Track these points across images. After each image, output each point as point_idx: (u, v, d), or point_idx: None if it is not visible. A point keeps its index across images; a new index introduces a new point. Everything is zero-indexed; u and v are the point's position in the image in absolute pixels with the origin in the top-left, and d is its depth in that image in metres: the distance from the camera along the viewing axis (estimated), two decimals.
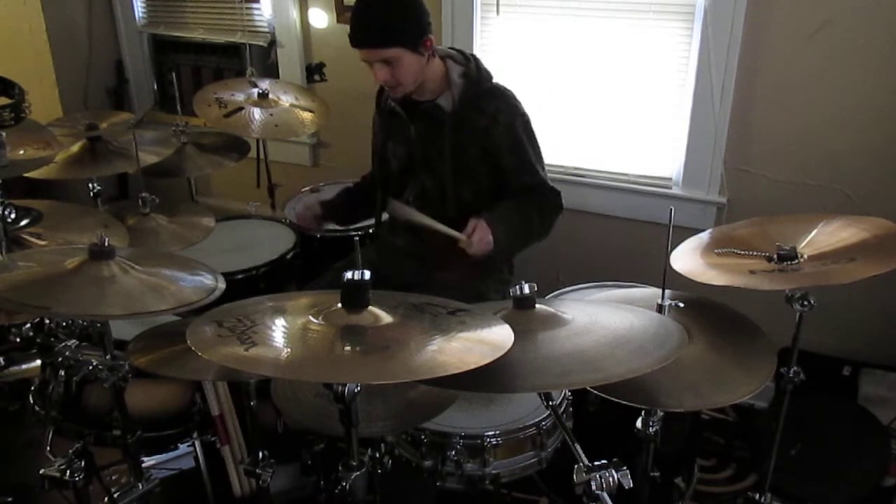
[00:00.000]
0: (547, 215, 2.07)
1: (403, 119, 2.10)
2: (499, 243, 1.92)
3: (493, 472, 1.63)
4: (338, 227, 2.48)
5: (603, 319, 1.35)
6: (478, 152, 2.03)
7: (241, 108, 2.58)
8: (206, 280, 1.54)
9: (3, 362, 2.14)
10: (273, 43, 3.26)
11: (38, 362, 1.92)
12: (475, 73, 2.04)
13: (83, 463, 1.50)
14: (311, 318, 1.20)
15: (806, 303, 1.48)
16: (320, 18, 3.12)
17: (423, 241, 2.17)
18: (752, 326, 1.51)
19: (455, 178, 2.05)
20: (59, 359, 1.78)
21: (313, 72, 3.22)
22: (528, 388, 1.19)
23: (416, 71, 1.96)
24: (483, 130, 2.00)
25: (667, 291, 1.46)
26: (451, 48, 2.11)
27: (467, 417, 1.68)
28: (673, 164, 2.66)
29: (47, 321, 1.87)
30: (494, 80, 2.08)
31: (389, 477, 1.65)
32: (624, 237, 2.76)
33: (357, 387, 1.19)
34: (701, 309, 1.54)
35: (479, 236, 1.91)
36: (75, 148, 2.32)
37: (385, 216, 2.33)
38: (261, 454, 1.68)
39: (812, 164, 2.42)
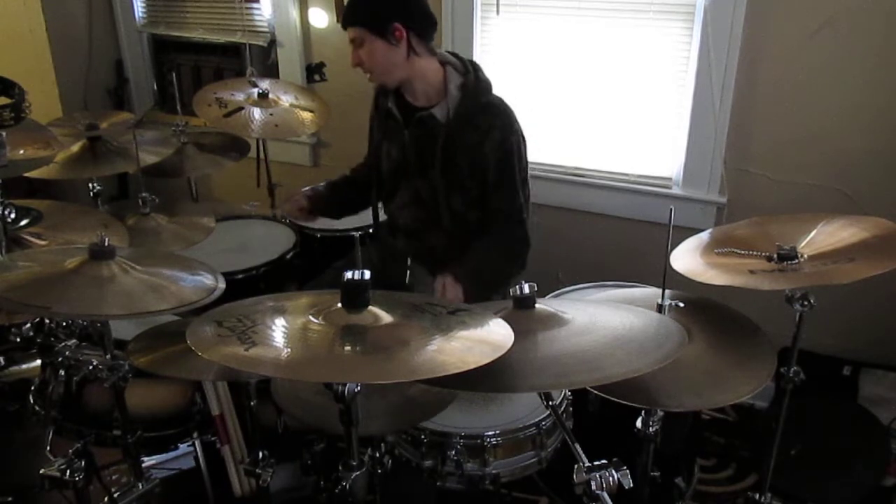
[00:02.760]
0: (516, 255, 2.07)
1: (399, 123, 2.09)
2: (469, 293, 1.93)
3: (493, 472, 1.62)
4: (315, 228, 2.49)
5: (603, 319, 1.35)
6: (468, 165, 2.01)
7: (241, 108, 2.57)
8: (206, 280, 1.54)
9: (3, 362, 2.14)
10: (273, 43, 3.26)
11: (38, 362, 1.92)
12: (473, 85, 2.02)
13: (83, 463, 1.50)
14: (311, 317, 1.20)
15: (806, 303, 1.48)
16: (320, 18, 3.12)
17: (423, 242, 2.17)
18: (752, 326, 1.51)
19: (446, 187, 2.05)
20: (59, 359, 1.78)
21: (313, 72, 3.22)
22: (528, 388, 1.19)
23: (385, 60, 1.97)
24: (475, 145, 1.99)
25: (667, 291, 1.45)
26: (452, 53, 2.10)
27: (467, 417, 1.68)
28: (673, 164, 2.66)
29: (47, 321, 1.87)
30: (493, 93, 2.05)
31: (389, 477, 1.65)
32: (624, 237, 2.76)
33: (357, 386, 1.19)
34: (701, 309, 1.53)
35: (450, 297, 1.91)
36: (75, 148, 2.32)
37: (383, 216, 2.33)
38: (261, 454, 1.68)
39: (812, 164, 2.42)
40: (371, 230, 2.41)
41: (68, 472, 1.48)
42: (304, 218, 2.37)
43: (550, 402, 1.33)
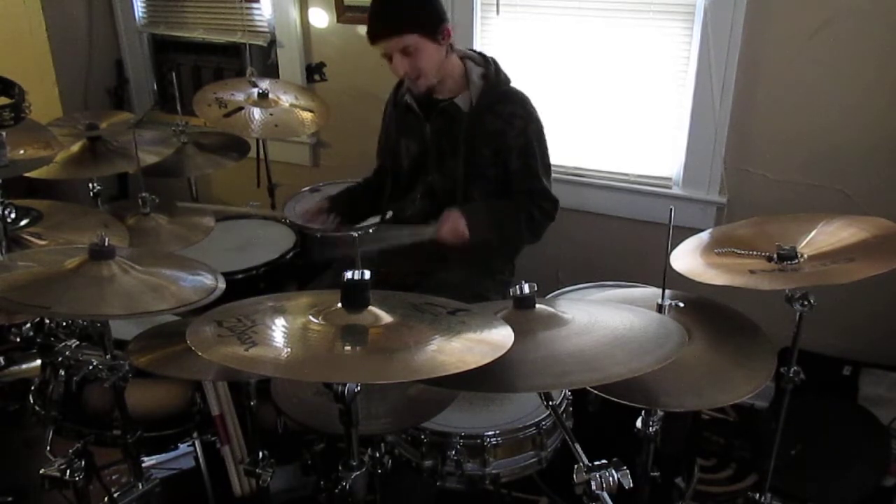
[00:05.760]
0: (536, 221, 2.09)
1: (419, 116, 2.11)
2: (475, 230, 1.92)
3: (493, 472, 1.62)
4: (335, 233, 2.47)
5: (603, 319, 1.35)
6: (490, 153, 2.05)
7: (241, 108, 2.58)
8: (206, 280, 1.54)
9: (3, 362, 2.14)
10: (273, 43, 3.26)
11: (38, 362, 1.92)
12: (494, 76, 2.06)
13: (83, 463, 1.50)
14: (311, 317, 1.20)
15: (806, 303, 1.48)
16: (320, 18, 3.12)
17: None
18: (752, 326, 1.51)
19: (466, 177, 2.07)
20: (59, 359, 1.78)
21: (313, 72, 3.22)
22: (528, 388, 1.19)
23: (436, 61, 1.97)
24: (497, 132, 2.03)
25: (667, 291, 1.45)
26: (471, 49, 2.14)
27: (467, 417, 1.68)
28: (673, 164, 2.66)
29: (47, 321, 1.87)
30: (512, 84, 2.10)
31: (389, 477, 1.65)
32: (624, 237, 2.75)
33: (357, 387, 1.19)
34: (701, 309, 1.53)
35: (450, 225, 1.91)
36: (75, 148, 2.32)
37: (388, 214, 2.33)
38: (261, 454, 1.68)
39: (812, 164, 2.42)
40: (372, 229, 2.41)
41: (68, 472, 1.48)
42: (324, 222, 2.33)
43: (550, 402, 1.33)
